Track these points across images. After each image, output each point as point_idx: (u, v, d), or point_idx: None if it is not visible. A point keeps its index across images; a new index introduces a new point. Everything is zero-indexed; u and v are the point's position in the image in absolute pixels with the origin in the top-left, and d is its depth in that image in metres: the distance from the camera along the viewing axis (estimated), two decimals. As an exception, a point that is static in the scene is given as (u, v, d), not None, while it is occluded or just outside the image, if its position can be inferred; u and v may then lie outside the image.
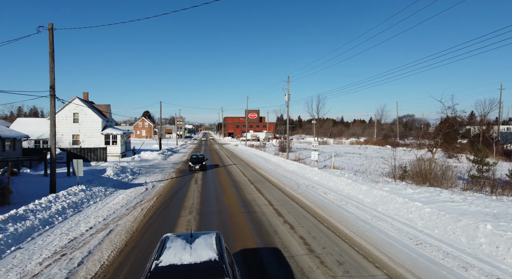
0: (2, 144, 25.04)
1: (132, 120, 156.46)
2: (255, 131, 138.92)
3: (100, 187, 17.23)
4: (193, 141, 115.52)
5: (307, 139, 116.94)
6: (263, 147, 65.70)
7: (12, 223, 10.09)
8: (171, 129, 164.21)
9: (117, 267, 7.92)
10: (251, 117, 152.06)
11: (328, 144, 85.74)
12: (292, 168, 29.05)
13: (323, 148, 63.57)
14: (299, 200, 15.64)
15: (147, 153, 40.95)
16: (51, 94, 15.14)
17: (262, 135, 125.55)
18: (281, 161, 35.20)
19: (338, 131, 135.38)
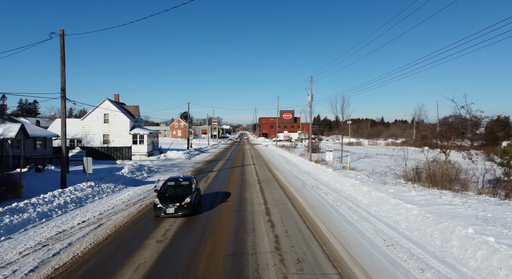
0: (33, 143, 27.12)
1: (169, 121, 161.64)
2: (289, 131, 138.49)
3: (110, 183, 18.14)
4: (227, 141, 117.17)
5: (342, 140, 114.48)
6: (293, 148, 65.31)
7: (9, 215, 10.99)
8: (206, 129, 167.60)
9: (87, 259, 8.43)
10: (285, 118, 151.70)
11: (362, 145, 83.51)
12: (307, 169, 28.79)
13: (355, 149, 62.13)
14: (296, 200, 15.56)
15: (173, 152, 42.28)
16: (61, 96, 16.21)
17: (295, 136, 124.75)
18: (301, 162, 34.95)
19: (376, 132, 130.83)
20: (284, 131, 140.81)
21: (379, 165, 32.68)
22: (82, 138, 40.14)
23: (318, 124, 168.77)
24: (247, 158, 42.99)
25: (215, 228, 10.90)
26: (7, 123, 24.16)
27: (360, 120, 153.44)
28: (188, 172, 26.77)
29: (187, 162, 36.09)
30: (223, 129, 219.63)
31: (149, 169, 26.04)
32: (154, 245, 9.38)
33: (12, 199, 14.31)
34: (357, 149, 60.74)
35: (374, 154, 50.42)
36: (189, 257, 8.39)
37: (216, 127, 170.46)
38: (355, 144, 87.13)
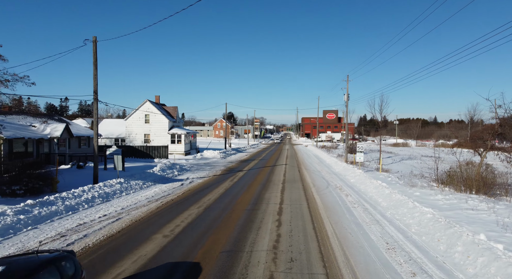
0: (78, 141, 29.35)
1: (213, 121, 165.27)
2: (332, 132, 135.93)
3: (139, 180, 19.16)
4: (268, 142, 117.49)
5: (389, 141, 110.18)
6: (334, 148, 64.11)
7: (39, 207, 12.08)
8: (249, 129, 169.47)
9: (95, 250, 9.09)
10: (329, 118, 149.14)
11: (409, 146, 79.75)
12: (337, 170, 28.27)
13: (400, 150, 59.66)
14: (313, 200, 15.43)
15: (209, 152, 43.44)
16: (94, 98, 17.42)
17: (337, 136, 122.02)
18: (333, 163, 34.37)
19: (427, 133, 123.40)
20: (327, 131, 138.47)
21: (420, 167, 31.12)
22: (125, 138, 42.60)
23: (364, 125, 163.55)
24: (282, 158, 42.99)
25: (222, 226, 11.19)
26: (54, 124, 26.42)
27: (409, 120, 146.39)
28: (219, 171, 27.41)
29: (221, 161, 36.90)
30: (266, 129, 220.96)
31: (181, 167, 27.04)
32: (160, 239, 9.85)
33: (49, 192, 15.67)
34: (402, 150, 58.16)
35: (419, 155, 47.98)
36: (185, 252, 8.74)
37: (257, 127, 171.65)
38: (401, 145, 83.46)
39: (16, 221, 10.76)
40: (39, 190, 15.35)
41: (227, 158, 41.66)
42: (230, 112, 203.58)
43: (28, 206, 11.94)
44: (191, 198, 16.08)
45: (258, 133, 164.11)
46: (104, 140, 43.58)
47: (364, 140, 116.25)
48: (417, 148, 71.32)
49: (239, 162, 36.31)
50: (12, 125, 23.74)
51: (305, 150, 63.89)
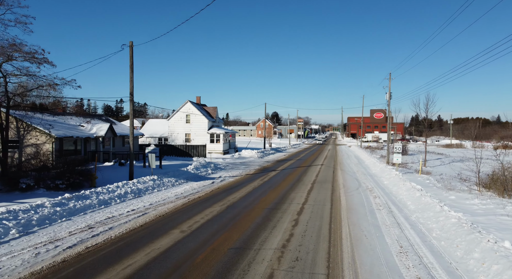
0: (122, 140, 31.25)
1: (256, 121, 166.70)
2: (380, 132, 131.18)
3: (172, 178, 20.00)
4: (311, 141, 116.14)
5: (443, 141, 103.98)
6: (379, 149, 62.07)
7: (75, 200, 13.13)
8: (292, 129, 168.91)
9: (115, 241, 9.72)
10: (376, 117, 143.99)
11: (463, 147, 74.70)
12: (374, 171, 27.36)
13: (452, 152, 56.40)
14: (338, 201, 15.16)
15: (247, 151, 44.01)
16: (130, 99, 18.50)
17: (385, 136, 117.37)
18: (372, 164, 33.27)
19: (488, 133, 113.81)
20: (374, 131, 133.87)
21: (471, 169, 29.12)
22: (168, 137, 44.51)
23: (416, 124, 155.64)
24: (320, 158, 42.40)
25: (238, 224, 11.40)
26: (100, 124, 28.38)
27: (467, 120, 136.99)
28: (252, 170, 27.73)
29: (257, 161, 37.24)
30: (311, 129, 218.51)
31: (215, 166, 27.73)
32: (176, 234, 10.28)
33: (88, 187, 16.92)
34: (454, 152, 54.80)
35: (473, 157, 44.81)
36: (196, 247, 9.06)
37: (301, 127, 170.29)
38: (454, 146, 78.58)
39: (52, 212, 11.80)
40: (79, 185, 16.63)
41: (264, 158, 41.93)
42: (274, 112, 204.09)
43: (65, 199, 13.02)
44: (217, 196, 16.50)
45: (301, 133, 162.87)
46: (149, 139, 45.84)
47: (414, 141, 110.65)
48: (472, 149, 66.57)
49: (275, 162, 36.41)
50: (64, 125, 25.88)
51: (347, 150, 62.33)
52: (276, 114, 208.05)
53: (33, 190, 15.67)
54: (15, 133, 23.91)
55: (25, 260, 8.19)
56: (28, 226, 10.64)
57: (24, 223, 10.62)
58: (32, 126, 23.14)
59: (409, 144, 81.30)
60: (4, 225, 10.20)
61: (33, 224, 10.82)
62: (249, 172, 26.43)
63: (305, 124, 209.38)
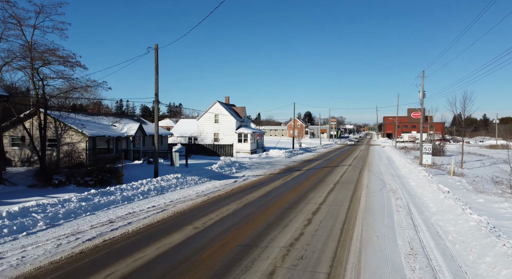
0: (152, 140, 32.38)
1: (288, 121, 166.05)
2: (418, 132, 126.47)
3: (195, 176, 20.52)
4: (344, 142, 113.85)
5: (487, 142, 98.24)
6: (415, 150, 59.86)
7: (100, 196, 13.86)
8: (325, 129, 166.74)
9: (131, 235, 10.19)
10: (414, 117, 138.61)
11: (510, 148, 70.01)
12: (403, 172, 26.53)
13: (496, 153, 53.33)
14: (357, 202, 14.93)
15: (275, 151, 44.08)
16: (155, 100, 19.20)
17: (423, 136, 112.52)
18: (402, 165, 32.24)
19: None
20: (411, 131, 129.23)
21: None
22: (197, 136, 45.55)
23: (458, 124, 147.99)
24: (349, 158, 41.64)
25: (250, 221, 11.56)
26: (131, 123, 29.63)
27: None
28: (277, 170, 27.80)
29: (284, 160, 37.21)
30: (345, 129, 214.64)
31: (240, 165, 28.06)
32: (189, 230, 10.60)
33: (115, 184, 17.75)
34: (498, 153, 51.72)
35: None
36: (205, 243, 9.31)
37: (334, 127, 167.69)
38: (499, 147, 74.04)
39: (78, 207, 12.55)
40: (107, 181, 17.50)
41: (291, 158, 41.80)
42: (307, 112, 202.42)
43: (90, 194, 13.79)
44: (237, 194, 16.74)
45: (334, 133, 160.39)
46: (180, 138, 47.16)
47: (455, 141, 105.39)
48: (519, 150, 62.22)
49: (302, 162, 36.22)
50: (97, 125, 27.29)
51: (380, 151, 60.64)
52: (309, 114, 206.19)
53: (65, 186, 16.70)
54: (53, 133, 25.53)
55: (47, 250, 8.81)
56: (55, 219, 11.39)
57: (51, 216, 11.39)
58: (68, 126, 24.60)
59: (449, 145, 77.72)
60: (33, 218, 10.99)
61: (59, 217, 11.57)
62: (273, 172, 26.51)
63: (339, 124, 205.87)
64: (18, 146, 27.06)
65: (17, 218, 10.73)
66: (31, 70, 20.90)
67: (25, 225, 10.48)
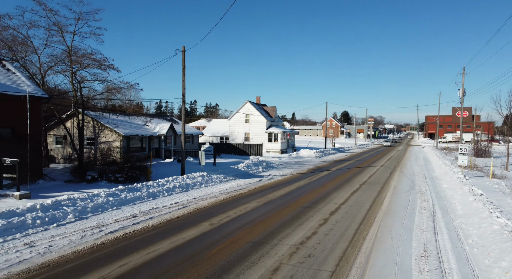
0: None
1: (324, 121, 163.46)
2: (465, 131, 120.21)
3: (221, 175, 20.94)
4: (381, 142, 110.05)
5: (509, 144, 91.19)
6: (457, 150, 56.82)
7: (126, 192, 14.59)
8: (362, 129, 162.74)
9: (150, 230, 10.69)
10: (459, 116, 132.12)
11: None
12: (437, 174, 25.43)
13: None
14: (380, 203, 14.63)
15: (306, 151, 43.77)
16: (182, 100, 19.84)
17: (468, 136, 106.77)
18: (438, 166, 30.90)
19: None
20: (456, 131, 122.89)
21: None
22: (229, 136, 46.28)
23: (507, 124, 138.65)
24: (383, 159, 40.44)
25: (266, 219, 11.68)
26: (163, 123, 30.74)
27: None
28: (305, 169, 27.66)
29: (314, 160, 36.87)
30: (384, 129, 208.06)
31: (268, 165, 28.20)
32: (205, 226, 10.92)
33: (144, 181, 18.57)
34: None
35: None
36: (217, 239, 9.57)
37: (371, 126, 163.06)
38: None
39: (105, 201, 13.31)
40: (136, 178, 18.34)
41: (322, 158, 41.32)
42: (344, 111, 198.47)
43: (118, 190, 14.56)
44: (259, 193, 16.92)
45: (371, 133, 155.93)
46: (211, 138, 48.15)
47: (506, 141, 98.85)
48: None
49: (332, 162, 35.71)
50: (131, 124, 28.60)
51: (419, 151, 58.23)
52: (345, 114, 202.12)
53: (97, 182, 17.74)
54: (91, 132, 27.12)
55: (72, 240, 9.47)
56: (83, 212, 12.18)
57: (80, 210, 12.19)
58: (104, 125, 26.02)
59: (497, 145, 73.04)
60: (64, 210, 11.83)
61: (88, 210, 12.35)
62: (300, 171, 26.41)
63: (378, 124, 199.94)
64: (61, 144, 29.00)
65: (49, 210, 11.60)
66: (70, 73, 22.35)
67: (56, 217, 11.31)
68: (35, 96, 17.21)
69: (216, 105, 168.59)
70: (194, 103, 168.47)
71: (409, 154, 50.41)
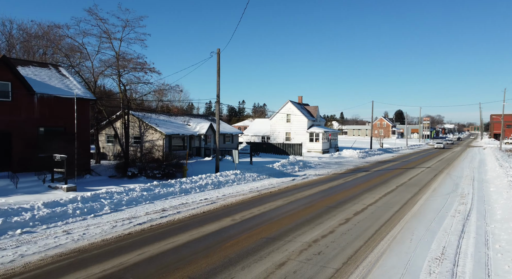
0: (223, 138, 34.36)
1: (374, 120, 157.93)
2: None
3: (254, 173, 21.32)
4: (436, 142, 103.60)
5: None
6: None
7: (160, 187, 15.48)
8: (417, 129, 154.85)
9: (175, 223, 11.32)
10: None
11: None
12: (489, 177, 23.73)
13: None
14: (410, 205, 14.12)
15: (349, 151, 42.78)
16: (217, 101, 20.51)
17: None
18: (492, 169, 28.61)
19: None
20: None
21: None
22: (270, 135, 46.63)
23: None
24: (432, 161, 38.33)
25: (287, 217, 11.81)
26: (203, 123, 31.87)
27: None
28: (343, 170, 27.16)
29: (355, 161, 35.95)
30: (443, 128, 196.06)
31: (305, 164, 28.08)
32: (226, 222, 11.31)
33: (180, 177, 19.49)
34: None
35: None
36: (234, 234, 9.91)
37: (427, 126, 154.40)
38: None
39: (140, 195, 14.26)
40: (173, 175, 19.32)
41: (365, 158, 40.11)
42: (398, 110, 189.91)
43: (152, 186, 15.49)
44: (288, 192, 17.02)
45: (427, 133, 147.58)
46: (253, 137, 48.82)
47: None
48: None
49: (375, 163, 34.56)
50: (173, 124, 30.06)
51: (477, 153, 54.19)
52: (399, 113, 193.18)
53: (137, 178, 18.99)
54: (138, 131, 28.93)
55: (104, 230, 10.34)
56: (118, 205, 13.18)
57: (116, 202, 13.20)
58: (149, 125, 27.64)
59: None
60: (101, 203, 12.90)
61: (123, 203, 13.33)
62: (337, 172, 25.97)
63: (436, 124, 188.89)
64: (111, 142, 31.28)
65: (88, 202, 12.72)
66: (117, 77, 24.11)
67: (93, 208, 12.37)
68: (83, 98, 18.87)
69: (264, 105, 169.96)
70: (242, 104, 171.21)
71: (465, 155, 47.14)
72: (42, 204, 11.72)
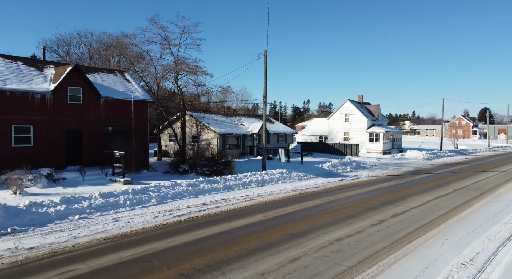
0: (276, 137, 34.74)
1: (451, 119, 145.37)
2: None
3: (301, 173, 21.35)
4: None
5: None
6: None
7: (205, 183, 16.38)
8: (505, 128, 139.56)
9: (205, 217, 11.99)
10: None
11: None
12: None
13: None
14: (461, 209, 13.19)
15: (413, 152, 40.28)
16: (264, 101, 20.97)
17: None
18: None
19: None
20: None
21: None
22: (327, 135, 45.83)
23: None
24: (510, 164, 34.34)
25: (318, 216, 11.79)
26: (256, 122, 32.55)
27: None
28: (401, 171, 25.84)
29: (418, 163, 33.76)
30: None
31: (358, 165, 27.21)
32: (258, 217, 11.68)
33: (228, 174, 20.33)
34: None
35: None
36: (261, 228, 10.24)
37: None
38: None
39: (185, 190, 15.27)
40: (220, 172, 20.22)
41: (431, 160, 37.41)
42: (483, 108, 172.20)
43: (198, 181, 16.46)
44: (331, 192, 16.82)
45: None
46: (310, 137, 48.40)
47: None
48: None
49: (441, 165, 32.11)
50: (228, 123, 31.25)
51: None
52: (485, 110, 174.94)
53: (187, 174, 20.24)
54: (195, 131, 30.66)
55: (146, 219, 11.38)
56: (165, 198, 14.29)
57: (162, 195, 14.34)
58: (204, 125, 29.15)
59: None
60: (149, 195, 14.12)
61: (168, 196, 14.43)
62: (393, 173, 24.76)
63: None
64: (172, 141, 33.54)
65: (138, 194, 14.01)
66: (175, 80, 25.86)
67: (142, 200, 13.61)
68: (142, 101, 20.69)
69: (329, 105, 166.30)
70: (307, 103, 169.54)
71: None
72: (99, 194, 13.23)
